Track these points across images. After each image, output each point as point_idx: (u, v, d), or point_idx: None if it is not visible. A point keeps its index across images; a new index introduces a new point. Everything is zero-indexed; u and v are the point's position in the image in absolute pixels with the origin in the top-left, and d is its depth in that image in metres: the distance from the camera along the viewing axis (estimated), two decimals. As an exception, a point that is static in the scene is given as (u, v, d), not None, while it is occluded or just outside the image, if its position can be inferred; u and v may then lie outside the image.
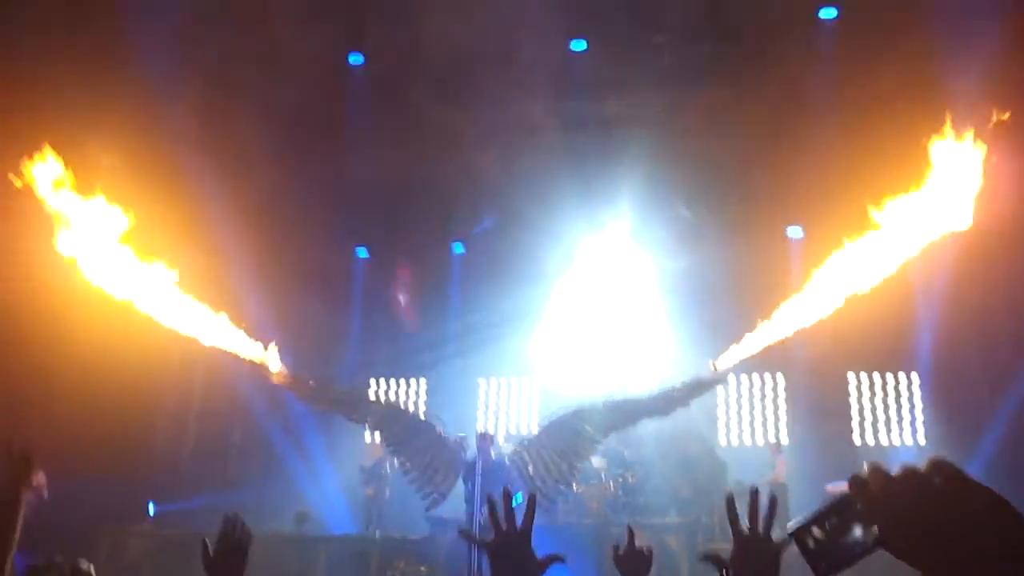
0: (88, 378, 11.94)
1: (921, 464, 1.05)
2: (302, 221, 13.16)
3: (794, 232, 13.75)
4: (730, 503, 2.49)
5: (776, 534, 2.48)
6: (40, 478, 3.88)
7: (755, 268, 12.16)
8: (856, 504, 1.07)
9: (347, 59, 13.03)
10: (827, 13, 12.15)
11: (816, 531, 1.10)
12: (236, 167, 12.38)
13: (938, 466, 1.04)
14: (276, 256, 12.97)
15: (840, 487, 1.11)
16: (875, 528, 1.06)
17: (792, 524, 1.12)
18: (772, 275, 11.36)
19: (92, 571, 4.24)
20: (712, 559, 2.53)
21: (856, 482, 1.07)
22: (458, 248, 14.93)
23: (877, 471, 1.06)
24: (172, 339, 10.39)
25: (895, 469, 1.06)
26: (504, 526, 2.36)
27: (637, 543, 3.26)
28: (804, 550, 1.10)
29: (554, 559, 2.39)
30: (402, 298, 14.09)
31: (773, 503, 2.49)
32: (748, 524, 2.49)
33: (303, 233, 13.25)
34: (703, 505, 11.37)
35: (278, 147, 12.49)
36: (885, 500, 1.05)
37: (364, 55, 12.96)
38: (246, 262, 12.41)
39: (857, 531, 1.07)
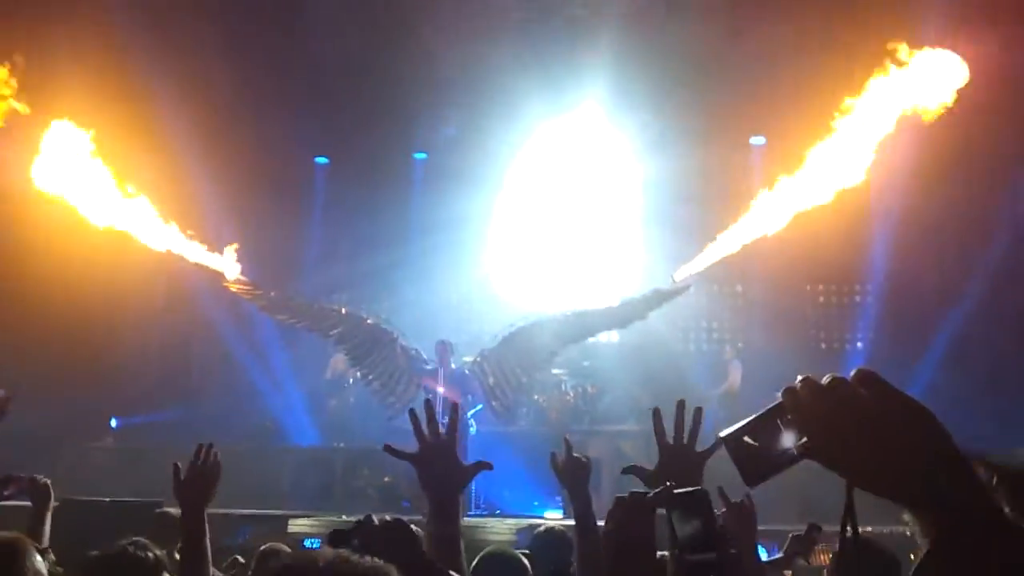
0: (49, 291, 11.81)
1: (848, 375, 1.07)
2: (260, 127, 12.90)
3: (757, 140, 13.74)
4: (655, 416, 2.57)
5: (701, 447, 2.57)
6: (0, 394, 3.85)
7: (718, 176, 12.16)
8: (787, 413, 1.10)
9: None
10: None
11: (747, 439, 1.12)
12: (192, 69, 12.07)
13: (864, 376, 1.07)
14: (235, 163, 12.73)
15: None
16: (803, 437, 1.09)
17: (724, 432, 1.14)
18: (734, 184, 11.38)
19: (50, 486, 4.24)
20: (634, 471, 2.60)
21: (788, 391, 1.10)
22: (420, 155, 14.76)
23: (807, 381, 1.09)
24: (133, 251, 10.31)
25: (824, 379, 1.08)
26: (428, 437, 2.38)
27: (592, 451, 3.34)
28: (734, 456, 1.13)
29: (480, 466, 2.43)
30: None
31: (698, 415, 2.57)
32: (673, 435, 2.56)
33: (261, 139, 13.00)
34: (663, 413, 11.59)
35: (235, 48, 12.18)
36: (813, 408, 1.07)
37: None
38: (204, 170, 12.18)
39: (787, 439, 1.10)
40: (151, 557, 3.62)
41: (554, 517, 9.11)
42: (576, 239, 13.08)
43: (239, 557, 5.26)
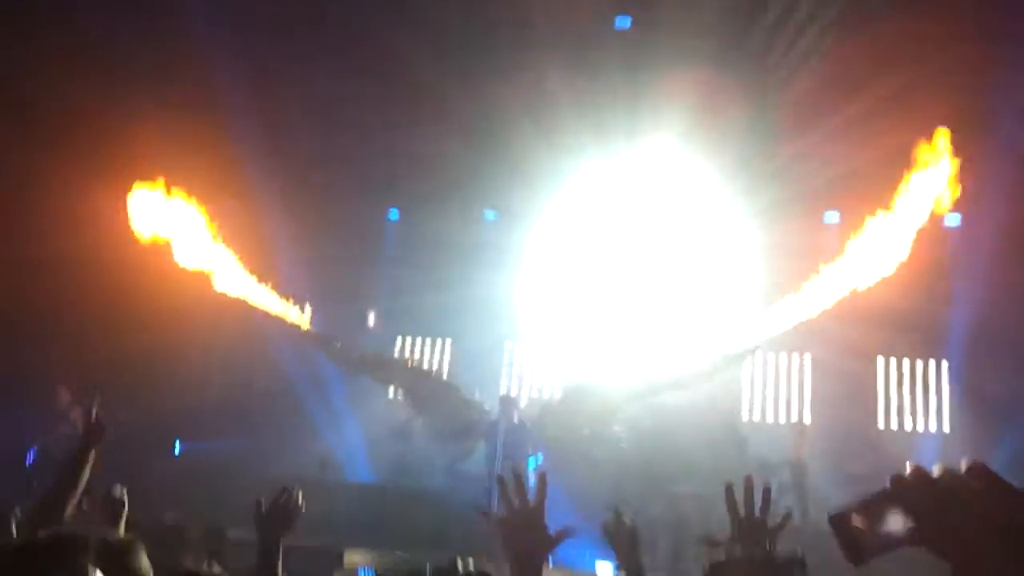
0: (119, 320, 12.17)
1: (959, 467, 1.10)
2: (337, 181, 13.28)
3: (831, 217, 13.64)
4: (728, 491, 2.58)
5: (772, 520, 2.57)
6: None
7: (791, 247, 12.07)
8: (895, 499, 1.11)
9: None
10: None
11: (855, 518, 1.13)
12: (275, 125, 12.52)
13: (977, 470, 1.09)
14: (310, 215, 13.09)
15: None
16: (911, 523, 1.10)
17: (833, 511, 1.15)
18: (809, 259, 11.30)
19: (124, 496, 4.42)
20: (709, 543, 2.63)
21: (897, 479, 1.12)
22: (490, 215, 14.96)
23: (918, 469, 1.11)
24: (203, 287, 10.63)
25: (935, 470, 1.10)
26: (516, 503, 2.39)
27: (652, 511, 3.36)
28: (839, 536, 1.14)
29: (566, 534, 2.44)
30: None
31: (767, 491, 2.57)
32: (744, 509, 2.60)
33: (337, 193, 13.37)
34: (722, 478, 11.39)
35: (317, 102, 12.61)
36: (924, 498, 1.09)
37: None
38: (282, 222, 12.54)
39: (894, 524, 1.11)
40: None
41: (605, 570, 9.01)
42: (646, 296, 13.05)
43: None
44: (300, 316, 10.82)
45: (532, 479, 8.60)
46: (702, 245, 13.09)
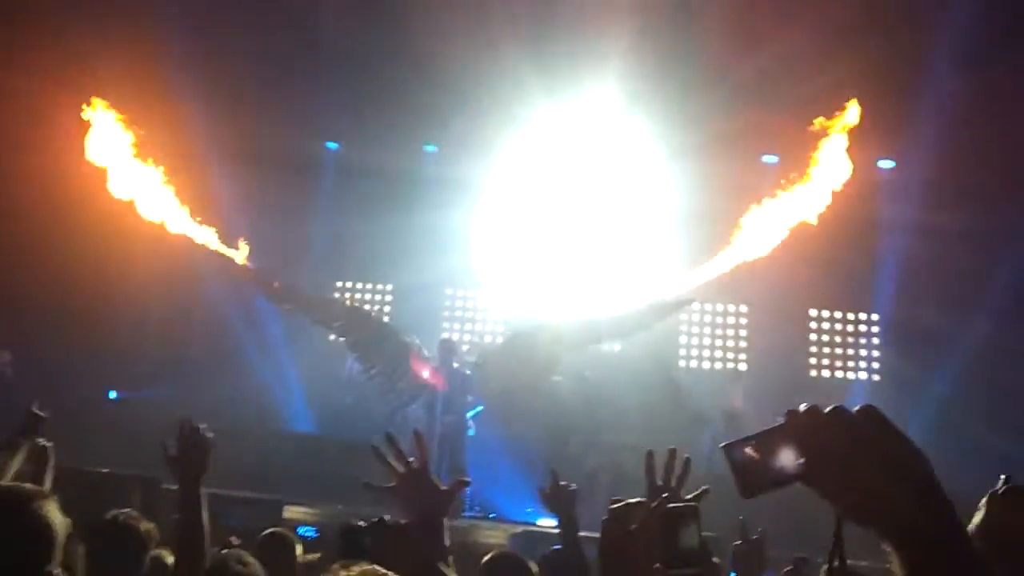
0: (51, 260, 11.86)
1: (854, 406, 1.13)
2: (272, 109, 12.93)
3: (769, 159, 13.76)
4: (648, 458, 2.59)
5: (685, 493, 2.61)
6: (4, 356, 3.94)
7: (729, 192, 12.14)
8: (788, 434, 1.14)
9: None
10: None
11: (748, 450, 1.16)
12: (207, 48, 12.14)
13: (867, 412, 1.12)
14: (245, 146, 12.75)
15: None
16: (801, 460, 1.13)
17: (725, 442, 1.18)
18: (745, 201, 11.39)
19: (50, 451, 4.30)
20: (623, 504, 2.65)
21: (791, 414, 1.14)
22: (430, 148, 14.75)
23: (812, 408, 1.13)
24: (138, 225, 10.37)
25: (827, 408, 1.13)
26: (399, 468, 2.35)
27: (590, 463, 3.42)
28: (733, 467, 1.17)
29: (460, 485, 2.42)
30: None
31: (687, 463, 2.61)
32: (662, 479, 2.58)
33: (273, 122, 13.02)
34: (659, 428, 11.60)
35: (250, 27, 12.26)
36: (814, 434, 1.12)
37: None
38: (216, 151, 12.22)
39: (786, 460, 1.14)
40: (141, 527, 3.67)
41: (547, 524, 9.11)
42: (584, 243, 13.06)
43: (234, 539, 5.26)
44: (237, 253, 10.63)
45: (472, 429, 8.66)
46: (641, 192, 13.12)
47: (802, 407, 1.13)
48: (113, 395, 13.27)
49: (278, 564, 4.04)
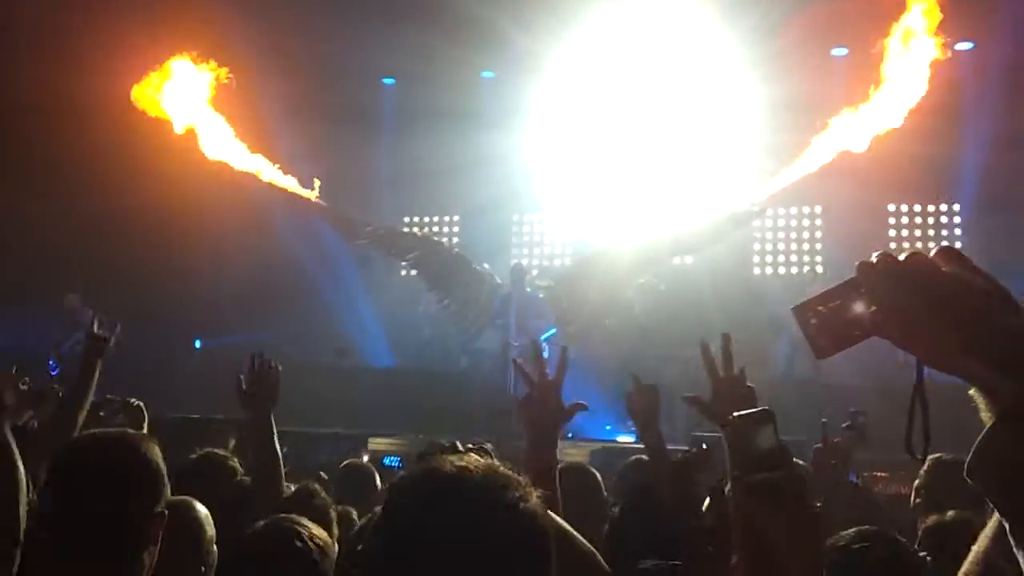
0: (131, 213, 12.17)
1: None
2: (327, 53, 12.88)
3: (839, 52, 13.20)
4: (704, 350, 2.71)
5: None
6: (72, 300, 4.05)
7: (796, 92, 11.72)
8: (860, 287, 1.08)
9: None
10: None
11: (820, 308, 1.11)
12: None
13: (946, 251, 1.06)
14: (306, 95, 12.78)
15: None
16: (872, 309, 1.07)
17: (795, 304, 1.14)
18: (815, 100, 10.96)
19: (143, 408, 4.49)
20: (692, 401, 2.68)
21: (862, 264, 1.08)
22: (487, 74, 14.55)
23: (885, 254, 1.07)
24: (208, 172, 10.56)
25: (902, 255, 1.06)
26: (535, 378, 2.46)
27: (666, 378, 3.41)
28: (804, 329, 1.12)
29: (579, 407, 2.52)
30: None
31: (727, 342, 2.63)
32: (723, 368, 2.70)
33: (329, 66, 12.99)
34: (736, 336, 11.45)
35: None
36: (888, 281, 1.05)
37: None
38: (276, 99, 12.25)
39: (858, 310, 1.08)
40: (228, 463, 3.84)
41: (625, 441, 9.15)
42: (650, 156, 12.80)
43: (322, 474, 5.39)
44: (311, 192, 10.80)
45: (547, 351, 8.73)
46: (708, 101, 12.75)
47: (874, 256, 1.07)
48: (198, 344, 13.64)
49: (359, 493, 4.17)
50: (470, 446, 2.17)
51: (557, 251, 15.06)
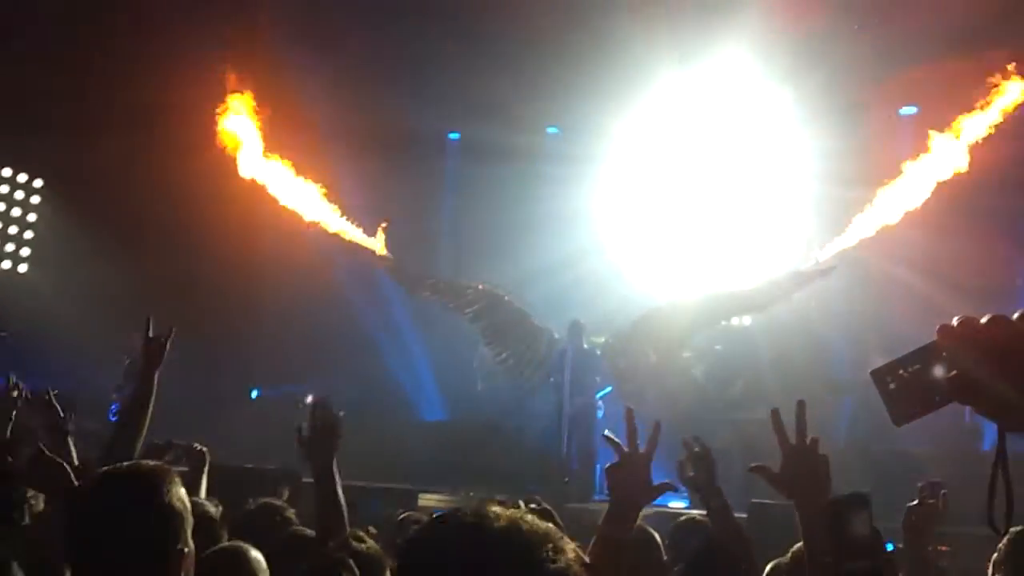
0: (198, 262, 12.42)
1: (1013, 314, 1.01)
2: (395, 101, 13.11)
3: (907, 111, 12.97)
4: (774, 416, 2.53)
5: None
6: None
7: (866, 151, 11.53)
8: (940, 351, 1.04)
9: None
10: None
11: (899, 372, 1.08)
12: (330, 43, 12.42)
13: None
14: (372, 138, 12.99)
15: None
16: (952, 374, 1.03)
17: (874, 368, 1.10)
18: (884, 159, 10.76)
19: (206, 453, 4.53)
20: (760, 472, 2.56)
21: (943, 328, 1.04)
22: (552, 129, 14.62)
23: (966, 317, 1.03)
24: (276, 223, 10.76)
25: (983, 319, 1.02)
26: (627, 448, 2.41)
27: (720, 442, 3.34)
28: (883, 393, 1.09)
29: (668, 487, 2.45)
30: None
31: (801, 408, 2.52)
32: (796, 437, 2.50)
33: (396, 114, 13.22)
34: (794, 401, 11.16)
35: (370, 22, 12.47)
36: (969, 345, 1.01)
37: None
38: (341, 150, 12.48)
39: (937, 375, 1.05)
40: (285, 513, 3.85)
41: (677, 506, 8.92)
42: (713, 214, 12.70)
43: (371, 528, 5.34)
44: (375, 242, 10.92)
45: (602, 409, 8.57)
46: (771, 160, 12.64)
47: (955, 320, 1.03)
48: (254, 394, 13.76)
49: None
50: (532, 506, 2.13)
51: (617, 307, 14.90)
